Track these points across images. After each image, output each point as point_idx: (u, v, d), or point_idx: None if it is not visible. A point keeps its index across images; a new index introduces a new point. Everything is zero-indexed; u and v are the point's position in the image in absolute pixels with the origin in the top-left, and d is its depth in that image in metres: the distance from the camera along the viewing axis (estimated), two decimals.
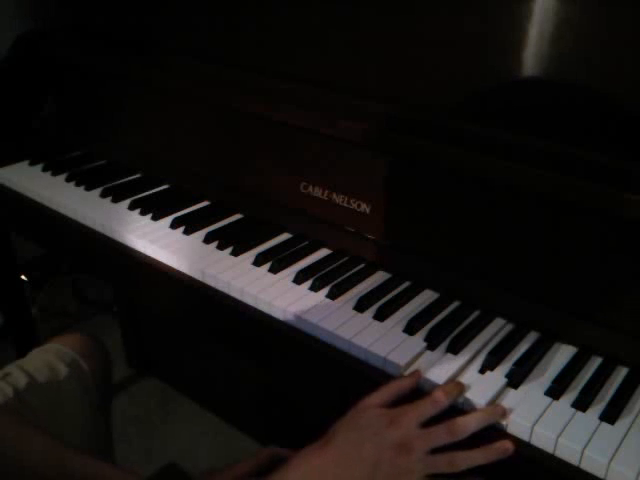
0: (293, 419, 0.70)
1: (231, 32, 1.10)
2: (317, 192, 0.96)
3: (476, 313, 0.83)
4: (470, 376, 0.72)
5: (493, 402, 0.68)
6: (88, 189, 1.13)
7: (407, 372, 0.72)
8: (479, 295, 0.84)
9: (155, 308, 1.58)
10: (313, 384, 0.87)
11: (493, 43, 0.83)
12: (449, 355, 0.75)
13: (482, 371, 0.73)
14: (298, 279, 0.88)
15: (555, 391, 0.69)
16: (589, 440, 0.63)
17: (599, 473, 0.62)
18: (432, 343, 0.76)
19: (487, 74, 0.84)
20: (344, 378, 0.79)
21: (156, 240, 0.97)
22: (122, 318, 1.81)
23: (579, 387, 0.70)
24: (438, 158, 0.83)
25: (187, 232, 1.00)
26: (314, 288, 0.87)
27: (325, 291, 0.86)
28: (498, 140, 0.80)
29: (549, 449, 0.64)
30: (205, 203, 1.10)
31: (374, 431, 0.64)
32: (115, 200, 1.10)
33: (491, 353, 0.75)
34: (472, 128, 0.83)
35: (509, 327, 0.81)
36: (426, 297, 0.87)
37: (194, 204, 1.09)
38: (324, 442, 0.65)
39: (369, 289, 0.87)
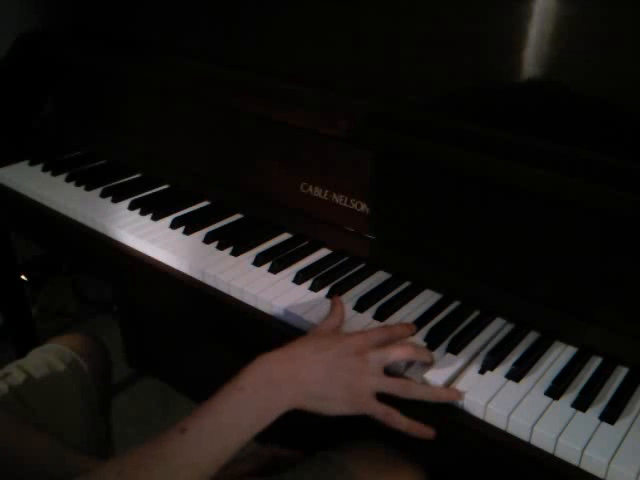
0: (293, 419, 0.70)
1: (231, 32, 1.09)
2: (317, 192, 0.96)
3: (476, 313, 0.83)
4: (470, 376, 0.72)
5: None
6: (88, 189, 1.13)
7: (407, 373, 0.72)
8: (479, 295, 0.84)
9: (155, 308, 1.57)
10: None
11: (493, 43, 0.83)
12: (449, 355, 0.75)
13: (482, 371, 0.73)
14: (298, 279, 0.88)
15: (555, 391, 0.69)
16: (589, 440, 0.63)
17: (599, 473, 0.62)
18: (432, 343, 0.76)
19: (487, 74, 0.84)
20: None
21: (156, 240, 0.97)
22: (122, 318, 1.81)
23: (579, 387, 0.70)
24: (438, 158, 0.83)
25: (187, 232, 1.00)
26: (314, 288, 0.87)
27: (325, 291, 0.86)
28: (498, 140, 0.80)
29: (549, 449, 0.64)
30: (205, 203, 1.10)
31: (335, 339, 0.69)
32: (115, 200, 1.09)
33: (491, 353, 0.75)
34: (472, 128, 0.83)
35: (509, 327, 0.81)
36: (426, 297, 0.87)
37: (194, 204, 1.09)
38: (282, 349, 0.67)
39: (369, 289, 0.87)
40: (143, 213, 1.05)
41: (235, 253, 0.94)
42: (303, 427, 1.08)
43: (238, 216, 1.06)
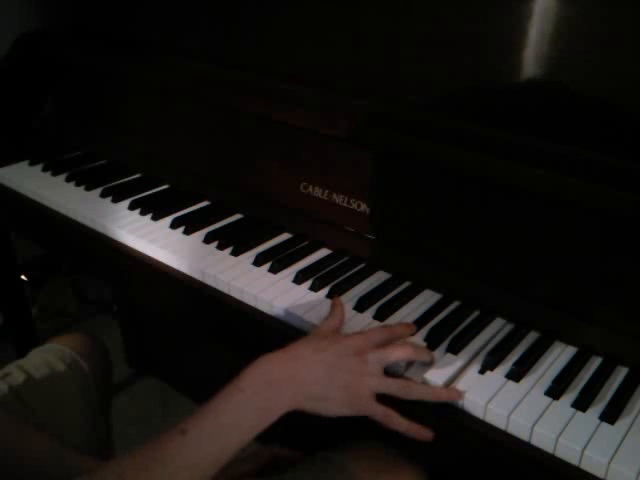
0: (293, 419, 0.70)
1: (231, 32, 1.09)
2: (317, 192, 0.96)
3: (476, 313, 0.83)
4: (470, 376, 0.72)
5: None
6: (88, 189, 1.13)
7: (407, 373, 0.72)
8: (479, 295, 0.84)
9: (155, 308, 1.57)
10: None
11: (493, 43, 0.83)
12: (449, 355, 0.75)
13: (482, 371, 0.73)
14: (298, 279, 0.88)
15: (555, 391, 0.69)
16: (589, 440, 0.63)
17: (599, 473, 0.62)
18: (432, 343, 0.76)
19: (487, 74, 0.84)
20: None
21: (156, 240, 0.97)
22: (122, 318, 1.81)
23: (579, 387, 0.70)
24: (438, 158, 0.83)
25: (187, 232, 1.00)
26: (314, 288, 0.87)
27: (325, 291, 0.86)
28: (498, 140, 0.80)
29: (549, 449, 0.64)
30: (205, 203, 1.10)
31: (335, 340, 0.69)
32: (115, 200, 1.09)
33: (491, 353, 0.75)
34: (472, 128, 0.83)
35: (509, 327, 0.81)
36: (426, 297, 0.87)
37: (194, 204, 1.09)
38: (282, 350, 0.67)
39: (369, 289, 0.87)
40: (143, 213, 1.05)
41: (235, 253, 0.94)
42: (303, 427, 1.07)
43: (238, 216, 1.06)
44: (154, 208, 1.05)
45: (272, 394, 0.63)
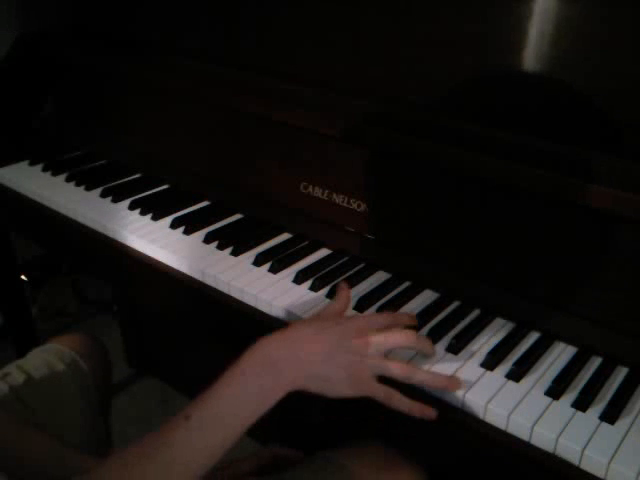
0: (293, 419, 0.70)
1: (231, 32, 1.10)
2: (317, 192, 0.96)
3: (476, 313, 0.83)
4: (470, 376, 0.72)
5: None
6: (88, 189, 1.13)
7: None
8: (479, 295, 0.84)
9: (155, 308, 1.58)
10: None
11: (493, 43, 0.83)
12: (449, 355, 0.75)
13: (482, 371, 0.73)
14: (298, 279, 0.88)
15: (555, 391, 0.69)
16: (589, 440, 0.63)
17: (599, 473, 0.62)
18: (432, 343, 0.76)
19: (487, 74, 0.84)
20: None
21: (156, 240, 0.97)
22: (122, 318, 1.81)
23: (579, 387, 0.70)
24: (438, 158, 0.83)
25: (187, 232, 1.00)
26: (314, 288, 0.87)
27: (325, 291, 0.86)
28: (498, 140, 0.80)
29: (549, 449, 0.64)
30: (205, 203, 1.10)
31: (336, 321, 0.68)
32: (115, 200, 1.09)
33: (491, 353, 0.75)
34: (472, 128, 0.83)
35: (509, 327, 0.81)
36: (426, 297, 0.87)
37: (194, 204, 1.09)
38: (283, 331, 0.66)
39: (369, 289, 0.87)
40: (143, 213, 1.05)
41: (235, 253, 0.94)
42: (303, 427, 1.08)
43: (238, 216, 1.06)
44: (154, 208, 1.05)
45: (273, 375, 0.63)
